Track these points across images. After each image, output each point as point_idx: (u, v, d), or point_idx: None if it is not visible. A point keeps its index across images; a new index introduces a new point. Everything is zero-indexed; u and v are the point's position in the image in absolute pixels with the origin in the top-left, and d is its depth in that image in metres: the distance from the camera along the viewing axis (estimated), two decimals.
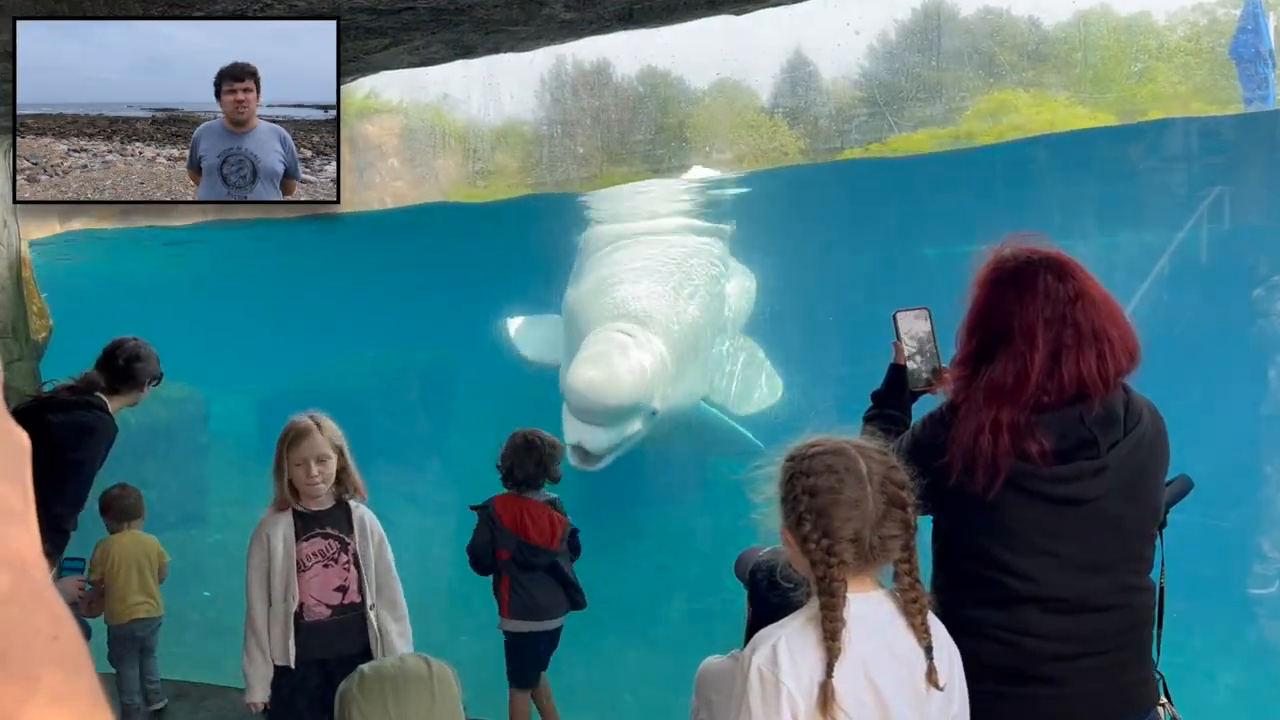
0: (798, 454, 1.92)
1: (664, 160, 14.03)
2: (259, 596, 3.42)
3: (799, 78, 13.47)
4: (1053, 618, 2.13)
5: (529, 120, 14.12)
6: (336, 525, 3.40)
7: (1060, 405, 2.11)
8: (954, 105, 12.46)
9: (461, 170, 14.74)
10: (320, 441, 3.26)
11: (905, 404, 2.56)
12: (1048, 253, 2.21)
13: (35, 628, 0.55)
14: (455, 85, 13.53)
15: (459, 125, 14.30)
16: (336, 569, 3.37)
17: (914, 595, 1.89)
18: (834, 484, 1.85)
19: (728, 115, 13.93)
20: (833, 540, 1.82)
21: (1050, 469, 2.10)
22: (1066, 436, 2.11)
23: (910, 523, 1.88)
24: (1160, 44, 10.79)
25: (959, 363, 2.26)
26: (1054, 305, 2.13)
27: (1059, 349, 2.11)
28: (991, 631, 2.15)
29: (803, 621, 1.85)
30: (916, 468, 2.03)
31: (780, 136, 13.78)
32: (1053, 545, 2.12)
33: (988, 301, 2.22)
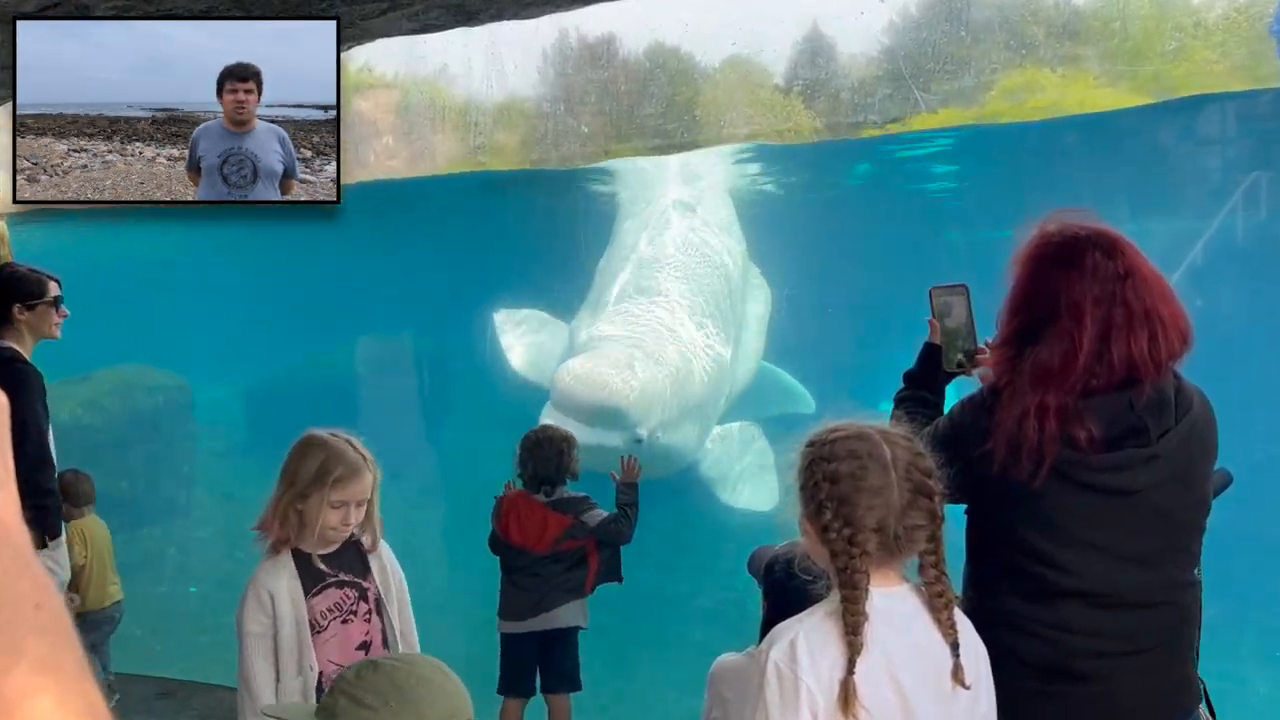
0: (818, 439, 1.93)
1: (673, 137, 14.11)
2: (264, 675, 2.72)
3: (816, 52, 13.51)
4: (1096, 613, 2.14)
5: (531, 96, 14.21)
6: (349, 568, 2.87)
7: (1109, 389, 2.11)
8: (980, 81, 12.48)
9: (461, 147, 14.81)
10: (369, 482, 2.78)
11: (939, 386, 2.57)
12: (1095, 228, 2.21)
13: (19, 595, 0.54)
14: (454, 58, 13.62)
15: (458, 100, 14.38)
16: (356, 623, 2.85)
17: (940, 589, 1.89)
18: (856, 470, 1.84)
19: (741, 91, 13.98)
20: (855, 529, 1.82)
21: (1098, 457, 2.10)
22: (1115, 423, 2.11)
23: (937, 513, 1.88)
24: (1197, 21, 10.81)
25: (1000, 344, 2.27)
26: (1103, 283, 2.12)
27: (1108, 329, 2.10)
28: (1031, 627, 2.16)
29: (822, 615, 1.85)
30: (955, 454, 2.05)
31: (796, 114, 13.83)
32: (1098, 537, 2.13)
33: (1032, 279, 2.21)
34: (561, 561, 4.35)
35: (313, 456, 2.75)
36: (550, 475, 4.33)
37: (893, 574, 1.90)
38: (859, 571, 1.81)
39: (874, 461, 1.85)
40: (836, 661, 1.80)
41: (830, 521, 1.84)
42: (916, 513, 1.85)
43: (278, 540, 2.79)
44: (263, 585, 2.75)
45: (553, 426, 4.47)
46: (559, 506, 4.34)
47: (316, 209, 2.60)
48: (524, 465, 4.35)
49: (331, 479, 2.72)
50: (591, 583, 4.42)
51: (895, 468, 1.85)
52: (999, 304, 2.32)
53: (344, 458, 2.76)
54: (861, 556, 1.81)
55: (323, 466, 2.73)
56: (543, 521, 4.30)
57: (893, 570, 1.90)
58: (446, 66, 13.91)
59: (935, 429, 2.28)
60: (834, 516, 1.83)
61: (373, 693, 1.71)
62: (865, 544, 1.82)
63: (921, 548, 1.88)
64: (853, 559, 1.81)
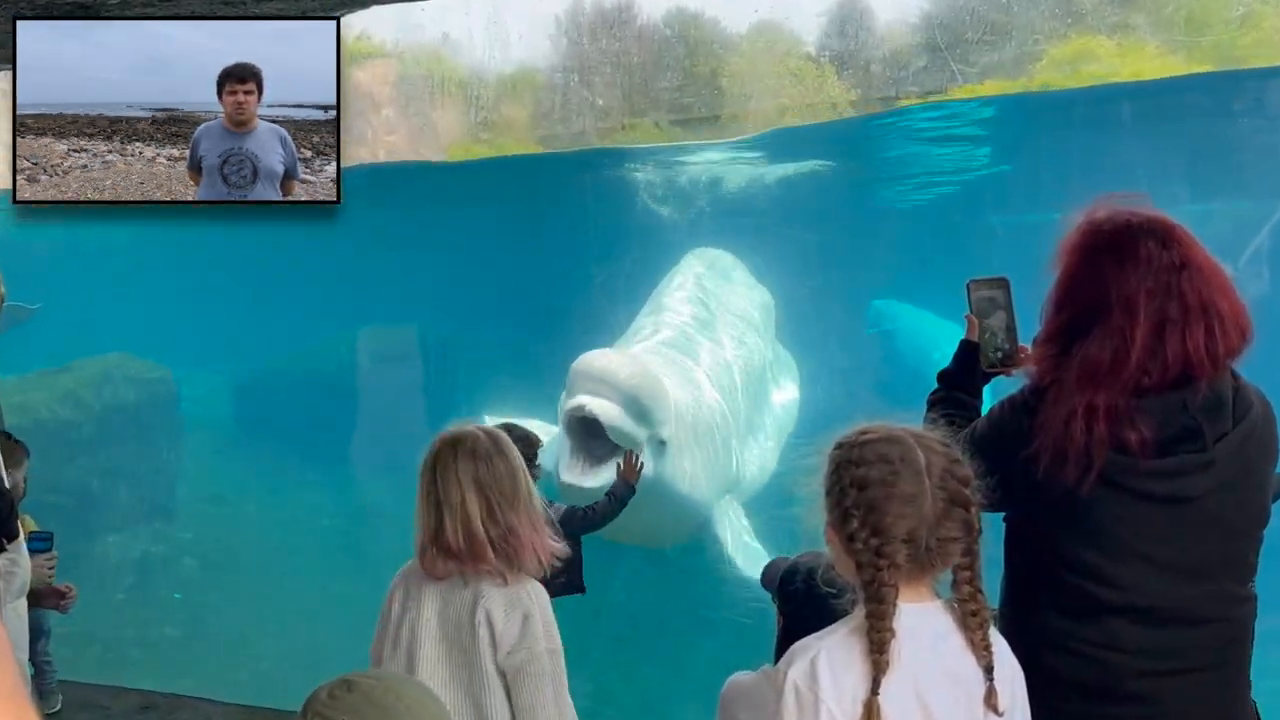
0: (847, 441, 1.93)
1: (693, 112, 14.22)
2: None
3: (849, 19, 13.60)
4: (1145, 630, 2.15)
5: (541, 67, 14.39)
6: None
7: (1162, 389, 2.11)
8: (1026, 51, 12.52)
9: (463, 122, 14.97)
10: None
11: (976, 387, 2.58)
12: (1148, 215, 2.21)
13: None
14: (456, 26, 13.80)
15: (460, 71, 14.56)
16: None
17: (974, 607, 1.88)
18: (887, 476, 1.84)
19: (768, 62, 14.08)
20: (883, 540, 1.82)
21: (1149, 462, 2.10)
22: (1168, 425, 2.11)
23: (973, 524, 1.88)
24: None
25: (1045, 340, 2.28)
26: (1157, 274, 2.12)
27: (1163, 323, 2.11)
28: (1075, 645, 2.18)
29: (846, 632, 1.86)
30: (994, 458, 2.06)
31: (828, 86, 13.91)
32: (1148, 549, 2.14)
33: (1080, 270, 2.22)
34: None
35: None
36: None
37: (924, 589, 1.89)
38: (886, 585, 1.81)
39: (906, 467, 1.85)
40: (860, 682, 1.80)
41: (857, 530, 1.84)
42: (951, 524, 1.85)
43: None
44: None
45: (513, 425, 4.22)
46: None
47: (317, 209, 2.84)
48: None
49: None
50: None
51: (929, 474, 1.85)
52: (1043, 296, 2.34)
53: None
54: (890, 569, 1.82)
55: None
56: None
57: (924, 585, 1.89)
58: (448, 35, 14.10)
59: (973, 431, 2.29)
60: (861, 525, 1.84)
61: (349, 713, 1.70)
62: (894, 555, 1.82)
63: (955, 561, 1.87)
64: (880, 571, 1.82)
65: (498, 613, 2.53)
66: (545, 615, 2.59)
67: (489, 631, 2.53)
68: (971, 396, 2.55)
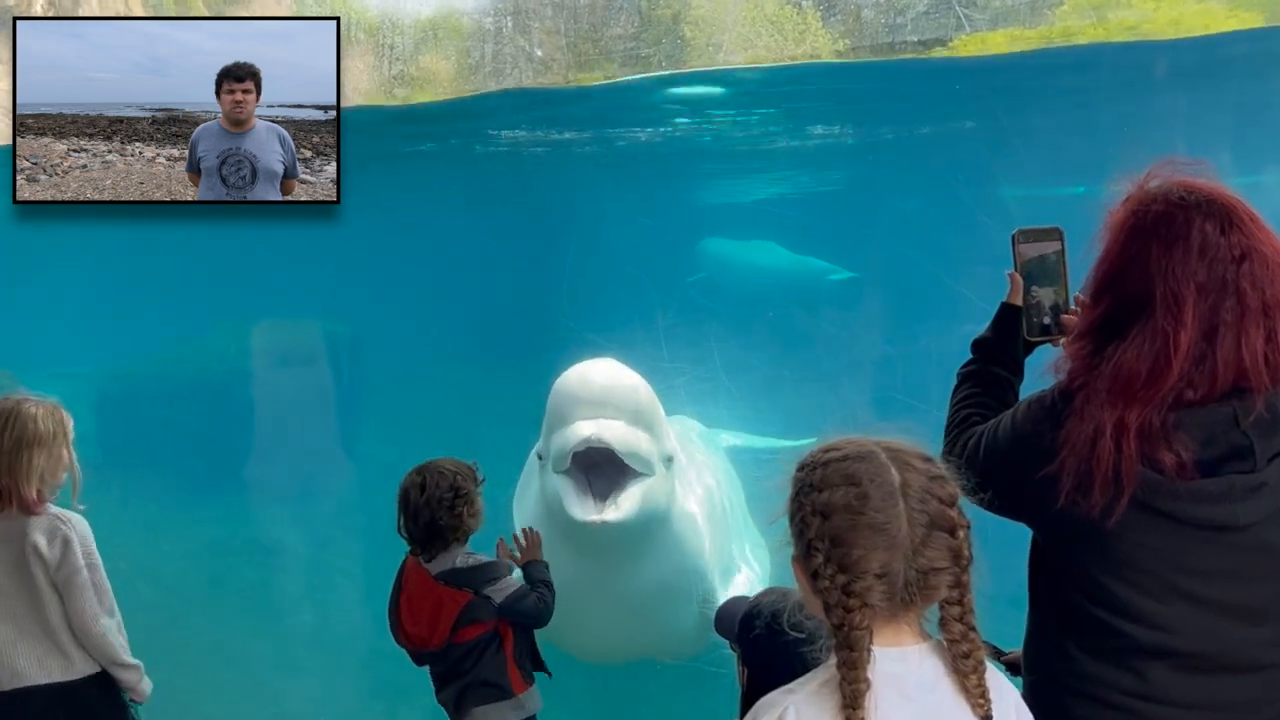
0: (809, 461, 1.96)
1: (651, 65, 14.69)
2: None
3: None
4: (1188, 678, 2.18)
5: (468, 9, 14.87)
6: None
7: (1209, 401, 2.14)
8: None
9: (374, 76, 15.38)
10: None
11: (1017, 358, 2.60)
12: (1208, 191, 2.21)
13: None
14: None
15: (370, 15, 15.01)
16: None
17: (967, 648, 1.90)
18: (853, 501, 1.87)
19: (740, 5, 14.52)
20: (852, 576, 1.84)
21: (1190, 484, 2.13)
22: (1214, 442, 2.14)
23: (962, 551, 1.89)
24: None
25: (1080, 334, 2.30)
26: (1211, 266, 2.14)
27: (1215, 326, 2.12)
28: (1105, 693, 2.22)
29: (817, 685, 1.90)
30: (1012, 469, 2.20)
31: (811, 34, 14.34)
32: (1191, 584, 2.17)
33: (1123, 254, 2.23)
34: (473, 652, 4.12)
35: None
36: (434, 533, 4.00)
37: (905, 629, 1.92)
38: (858, 628, 1.84)
39: (877, 488, 1.87)
40: None
41: (822, 566, 1.87)
42: (934, 552, 1.87)
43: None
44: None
45: (442, 461, 4.16)
46: (453, 579, 4.02)
47: (317, 209, 3.56)
48: (400, 518, 4.05)
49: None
50: (514, 677, 4.17)
51: (905, 496, 1.87)
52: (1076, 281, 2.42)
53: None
54: (862, 610, 1.84)
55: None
56: (435, 604, 4.05)
57: (905, 624, 1.92)
58: None
59: (995, 431, 2.35)
60: (826, 560, 1.86)
61: None
62: (866, 594, 1.84)
63: (943, 595, 1.90)
64: (850, 613, 1.84)
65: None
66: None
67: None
68: (1010, 372, 2.59)
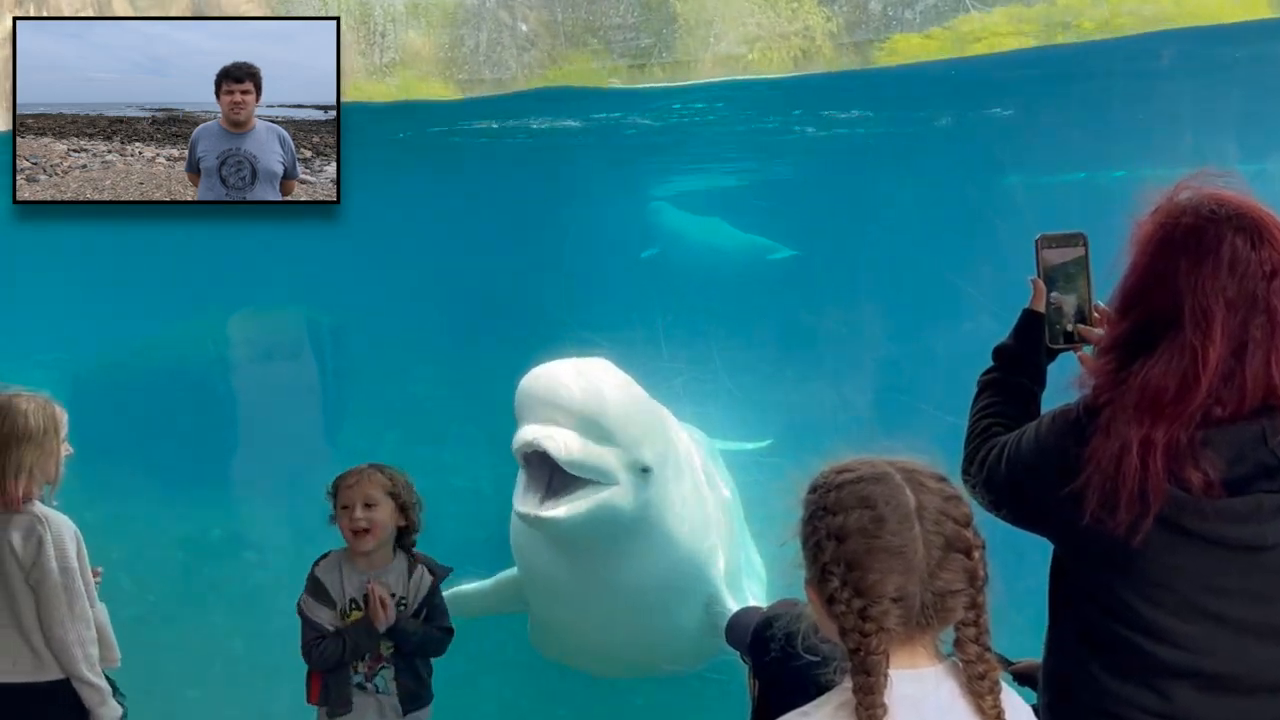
0: (822, 483, 1.97)
1: (647, 50, 14.60)
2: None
3: None
4: (1213, 698, 2.18)
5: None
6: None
7: (1237, 419, 2.15)
8: None
9: (359, 61, 15.31)
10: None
11: (1040, 367, 2.61)
12: (1239, 205, 2.22)
13: None
14: None
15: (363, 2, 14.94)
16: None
17: (982, 669, 1.92)
18: (869, 524, 1.88)
19: None
20: (868, 600, 1.85)
21: (1217, 502, 2.14)
22: (1242, 460, 2.14)
23: (977, 572, 1.91)
24: None
25: (1106, 349, 2.32)
26: (1241, 281, 2.15)
27: (1244, 343, 2.14)
28: (1128, 712, 2.22)
29: (832, 709, 1.91)
30: (1034, 485, 2.23)
31: (806, 17, 14.27)
32: (1218, 604, 2.17)
33: (1151, 268, 2.24)
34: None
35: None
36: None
37: (922, 651, 1.93)
38: (874, 653, 1.84)
39: (892, 511, 1.88)
40: None
41: (838, 591, 1.87)
42: (949, 574, 1.88)
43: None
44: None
45: (380, 470, 4.18)
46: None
47: (317, 209, 3.60)
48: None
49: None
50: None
51: (921, 518, 1.88)
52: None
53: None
54: (878, 634, 1.85)
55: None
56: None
57: (922, 646, 1.93)
58: None
59: (1019, 444, 2.37)
60: (842, 584, 1.87)
61: None
62: (883, 619, 1.85)
63: (959, 617, 1.91)
64: (866, 637, 1.85)
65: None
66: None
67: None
68: (1033, 380, 2.61)
